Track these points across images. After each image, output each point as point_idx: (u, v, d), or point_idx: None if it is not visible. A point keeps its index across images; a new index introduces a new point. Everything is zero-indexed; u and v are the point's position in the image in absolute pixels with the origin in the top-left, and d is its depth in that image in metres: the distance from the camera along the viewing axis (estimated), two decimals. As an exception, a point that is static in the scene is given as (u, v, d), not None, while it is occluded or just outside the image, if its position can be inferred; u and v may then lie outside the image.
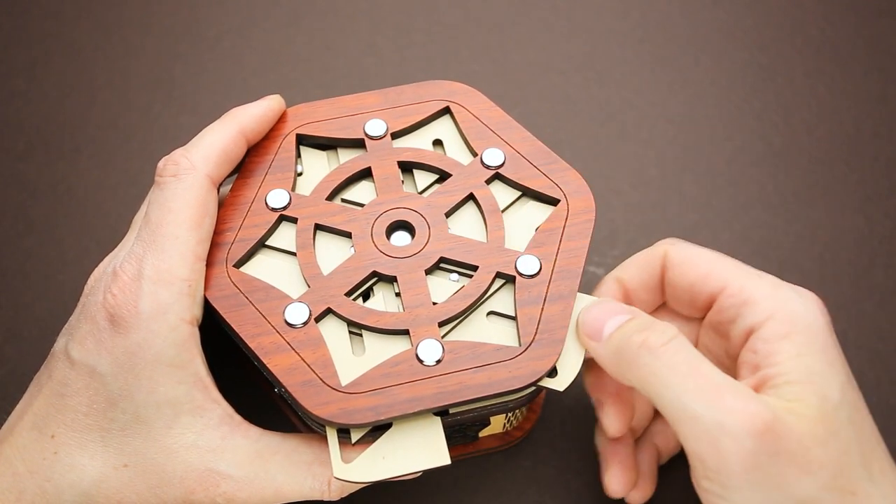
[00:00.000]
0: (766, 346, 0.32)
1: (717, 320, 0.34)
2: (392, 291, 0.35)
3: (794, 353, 0.31)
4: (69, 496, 0.32)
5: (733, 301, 0.33)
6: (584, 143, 0.51)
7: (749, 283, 0.33)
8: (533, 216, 0.36)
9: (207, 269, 0.34)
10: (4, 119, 0.52)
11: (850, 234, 0.48)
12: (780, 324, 0.32)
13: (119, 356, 0.31)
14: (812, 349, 0.31)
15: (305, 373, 0.32)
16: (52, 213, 0.48)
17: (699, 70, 0.55)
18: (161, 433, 0.32)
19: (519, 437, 0.40)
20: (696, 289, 0.35)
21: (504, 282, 0.35)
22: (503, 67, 0.55)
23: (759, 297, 0.33)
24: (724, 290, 0.34)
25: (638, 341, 0.31)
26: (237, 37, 0.56)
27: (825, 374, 0.31)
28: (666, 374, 0.30)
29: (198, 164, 0.34)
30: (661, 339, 0.31)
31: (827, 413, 0.30)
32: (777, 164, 0.51)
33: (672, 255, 0.35)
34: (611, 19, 0.57)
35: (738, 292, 0.33)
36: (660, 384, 0.30)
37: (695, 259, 0.35)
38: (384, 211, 0.36)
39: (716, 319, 0.35)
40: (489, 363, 0.32)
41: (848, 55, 0.55)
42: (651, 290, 0.36)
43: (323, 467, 0.33)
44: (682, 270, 0.35)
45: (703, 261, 0.35)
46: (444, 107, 0.39)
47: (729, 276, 0.34)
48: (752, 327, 0.33)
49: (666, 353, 0.30)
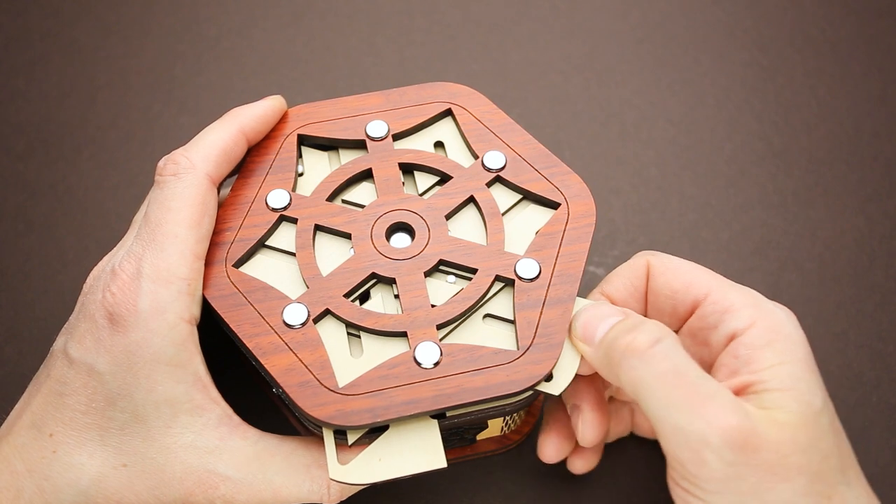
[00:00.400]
0: (747, 352, 0.32)
1: (698, 327, 0.35)
2: (391, 293, 0.35)
3: (777, 361, 0.32)
4: (67, 495, 0.32)
5: (716, 308, 0.34)
6: (584, 143, 0.51)
7: (731, 292, 0.34)
8: (533, 219, 0.36)
9: (207, 268, 0.34)
10: (4, 119, 0.52)
11: (850, 234, 0.48)
12: (763, 332, 0.32)
13: (118, 355, 0.31)
14: (794, 357, 0.32)
15: (303, 373, 0.32)
16: (52, 213, 0.48)
17: (699, 70, 0.55)
18: (160, 432, 0.32)
19: (517, 441, 0.40)
20: (678, 296, 0.35)
21: (503, 285, 0.35)
22: (503, 67, 0.55)
23: (741, 305, 0.33)
24: (708, 296, 0.34)
25: (624, 343, 0.31)
26: (237, 37, 0.56)
27: (808, 381, 0.31)
28: (651, 383, 0.30)
29: (197, 164, 0.34)
30: (648, 341, 0.31)
31: (809, 419, 0.30)
32: (777, 164, 0.51)
33: (655, 264, 0.36)
34: (611, 19, 0.57)
35: (721, 299, 0.34)
36: (646, 392, 0.30)
37: (677, 268, 0.35)
38: (384, 212, 0.36)
39: (696, 326, 0.35)
40: (487, 366, 0.32)
41: (848, 55, 0.55)
42: (637, 301, 0.36)
43: (321, 470, 0.33)
44: (665, 279, 0.35)
45: (686, 270, 0.35)
46: (445, 109, 0.39)
47: (711, 284, 0.34)
48: (734, 333, 0.33)
49: (653, 358, 0.31)
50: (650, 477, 0.41)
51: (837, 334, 0.45)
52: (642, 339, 0.31)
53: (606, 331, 0.32)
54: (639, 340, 0.31)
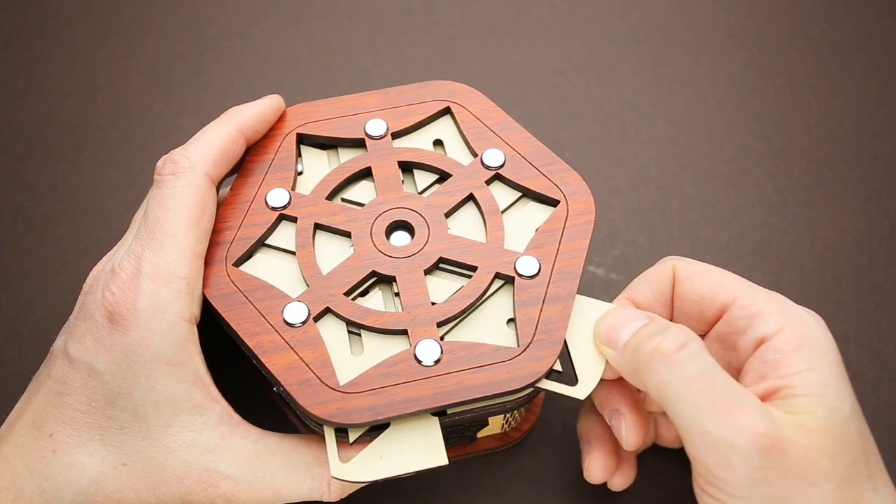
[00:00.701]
0: (776, 357, 0.32)
1: (726, 331, 0.35)
2: (391, 291, 0.35)
3: (805, 367, 0.31)
4: (68, 495, 0.32)
5: (744, 312, 0.34)
6: (584, 143, 0.51)
7: (759, 296, 0.34)
8: (533, 217, 0.36)
9: (206, 267, 0.34)
10: (4, 119, 0.52)
11: (850, 234, 0.48)
12: (792, 336, 0.32)
13: (118, 354, 0.31)
14: (822, 363, 0.32)
15: (303, 372, 0.32)
16: (52, 213, 0.48)
17: (699, 70, 0.55)
18: (160, 431, 0.32)
19: (518, 438, 0.40)
20: (706, 301, 0.35)
21: (503, 282, 0.35)
22: (503, 67, 0.55)
23: (769, 310, 0.33)
24: (736, 301, 0.34)
25: (650, 348, 0.31)
26: (237, 37, 0.56)
27: (836, 387, 0.31)
28: (678, 388, 0.30)
29: (196, 163, 0.34)
30: (675, 345, 0.31)
31: (836, 425, 0.30)
32: (777, 164, 0.51)
33: (681, 269, 0.35)
34: (611, 19, 0.57)
35: (750, 304, 0.34)
36: (672, 396, 0.30)
37: (704, 273, 0.35)
38: (384, 211, 0.36)
39: (724, 331, 0.35)
40: (487, 364, 0.32)
41: (848, 55, 0.55)
42: (662, 306, 0.36)
43: (322, 468, 0.33)
44: (692, 284, 0.35)
45: (713, 275, 0.35)
46: (444, 107, 0.39)
47: (739, 289, 0.34)
48: (763, 338, 0.33)
49: (679, 362, 0.30)
50: (650, 476, 0.40)
51: (837, 334, 0.45)
52: (668, 344, 0.31)
53: (631, 335, 0.32)
54: (665, 345, 0.31)
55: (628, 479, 0.38)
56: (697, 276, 0.35)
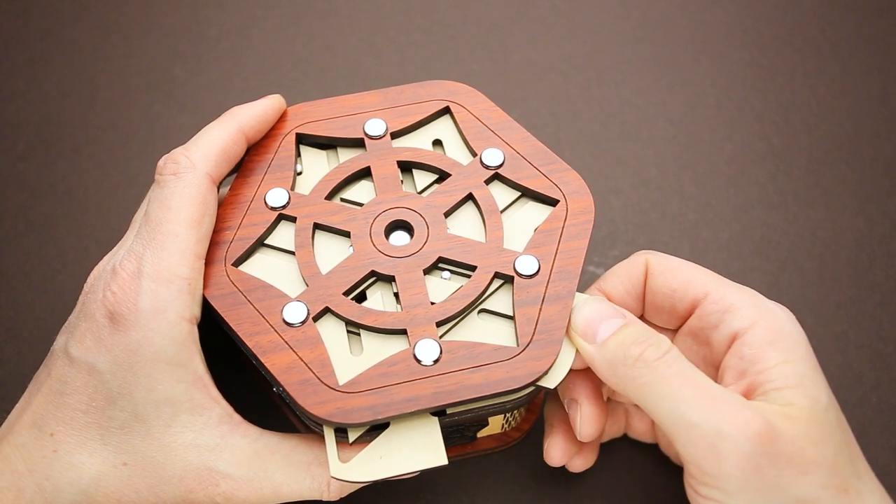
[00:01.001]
0: (752, 352, 0.32)
1: (699, 326, 0.35)
2: (390, 291, 0.35)
3: (781, 360, 0.32)
4: (68, 494, 0.32)
5: (716, 307, 0.34)
6: (584, 143, 0.51)
7: (730, 291, 0.34)
8: (532, 216, 0.36)
9: (206, 267, 0.34)
10: (4, 119, 0.52)
11: (850, 234, 0.48)
12: (765, 331, 0.33)
13: (118, 354, 0.31)
14: (797, 356, 0.32)
15: (303, 372, 0.32)
16: (52, 213, 0.48)
17: (699, 70, 0.55)
18: (160, 431, 0.32)
19: (517, 438, 0.40)
20: (677, 295, 0.35)
21: (502, 282, 0.35)
22: (503, 67, 0.55)
23: (741, 304, 0.34)
24: (708, 295, 0.34)
25: (634, 354, 0.31)
26: (237, 37, 0.56)
27: (813, 378, 0.32)
28: (661, 386, 0.31)
29: (197, 163, 0.34)
30: (657, 354, 0.31)
31: (818, 414, 0.31)
32: (777, 164, 0.51)
33: (654, 263, 0.36)
34: (611, 19, 0.57)
35: (721, 299, 0.34)
36: (656, 395, 0.31)
37: (676, 268, 0.35)
38: (383, 210, 0.36)
39: (696, 326, 0.35)
40: (487, 363, 0.32)
41: (848, 55, 0.55)
42: (633, 300, 0.36)
43: (322, 468, 0.33)
44: (664, 278, 0.35)
45: (684, 269, 0.35)
46: (443, 107, 0.39)
47: (710, 283, 0.35)
48: (736, 333, 0.33)
49: (661, 365, 0.31)
50: (650, 476, 0.41)
51: (837, 334, 0.45)
52: (651, 353, 0.31)
53: (609, 334, 0.32)
54: (648, 353, 0.31)
55: (588, 462, 0.38)
56: (670, 270, 0.35)
